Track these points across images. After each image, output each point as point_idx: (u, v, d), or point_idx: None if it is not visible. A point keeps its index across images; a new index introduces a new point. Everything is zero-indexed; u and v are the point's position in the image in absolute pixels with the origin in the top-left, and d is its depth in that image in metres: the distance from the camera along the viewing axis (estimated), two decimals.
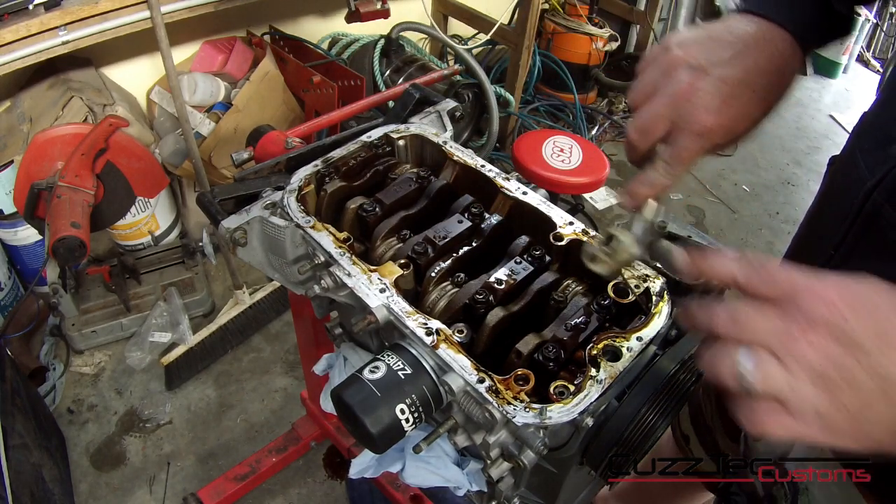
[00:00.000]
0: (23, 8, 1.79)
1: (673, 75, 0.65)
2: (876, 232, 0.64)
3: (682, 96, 0.64)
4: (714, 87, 0.63)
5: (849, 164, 0.73)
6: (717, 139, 0.64)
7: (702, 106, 0.63)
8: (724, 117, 0.63)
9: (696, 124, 0.63)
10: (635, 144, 0.69)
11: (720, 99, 0.63)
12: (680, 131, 0.65)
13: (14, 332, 2.15)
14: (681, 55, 0.65)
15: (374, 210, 0.96)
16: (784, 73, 0.67)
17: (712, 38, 0.66)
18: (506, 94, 3.13)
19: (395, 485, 1.67)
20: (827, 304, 0.45)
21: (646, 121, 0.67)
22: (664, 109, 0.65)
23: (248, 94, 2.45)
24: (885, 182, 0.62)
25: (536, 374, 0.72)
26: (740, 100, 0.63)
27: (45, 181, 1.69)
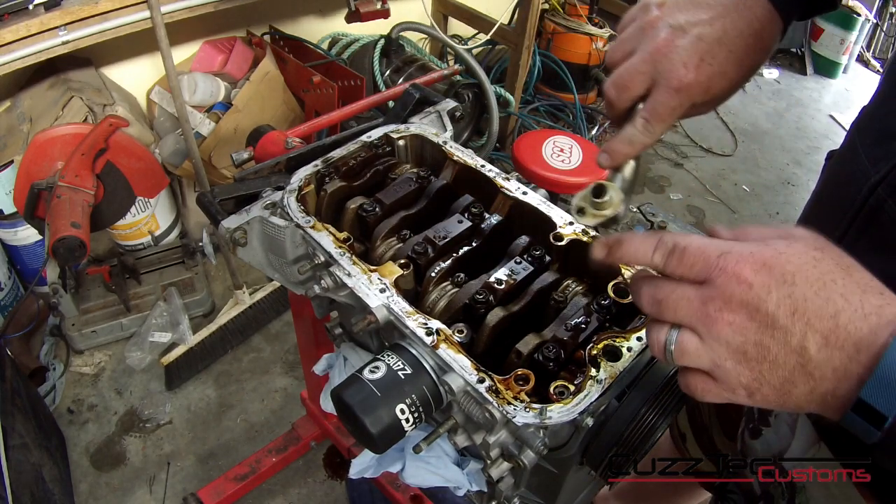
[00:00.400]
0: (23, 8, 1.79)
1: (651, 33, 0.66)
2: (878, 227, 0.65)
3: (660, 52, 0.64)
4: (691, 44, 0.64)
5: (849, 159, 0.73)
6: (694, 96, 0.65)
7: (680, 62, 0.63)
8: (702, 74, 0.64)
9: (675, 80, 0.63)
10: (613, 101, 0.69)
11: (698, 56, 0.63)
12: (658, 87, 0.65)
13: (14, 332, 2.15)
14: (659, 14, 0.67)
15: (374, 210, 0.96)
16: (762, 38, 0.67)
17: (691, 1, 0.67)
18: (506, 94, 3.13)
19: (395, 485, 1.67)
20: (741, 284, 0.47)
21: (623, 77, 0.67)
22: (642, 66, 0.65)
23: (248, 94, 2.45)
24: (890, 178, 0.63)
25: (536, 374, 0.72)
26: (717, 58, 0.64)
27: (45, 181, 1.69)
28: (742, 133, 4.05)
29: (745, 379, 0.48)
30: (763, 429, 0.93)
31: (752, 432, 0.95)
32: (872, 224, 0.65)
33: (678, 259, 0.51)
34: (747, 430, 0.97)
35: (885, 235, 0.63)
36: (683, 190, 3.51)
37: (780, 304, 0.46)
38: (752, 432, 0.95)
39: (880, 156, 0.65)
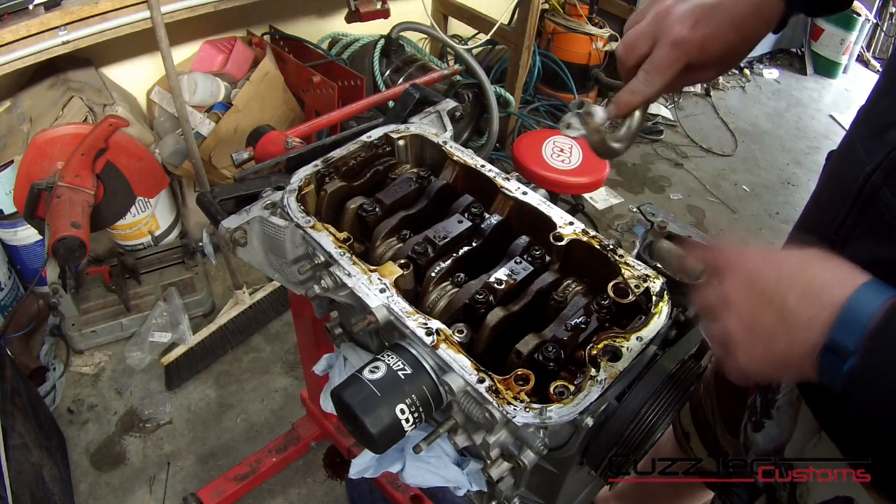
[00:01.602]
0: (23, 8, 1.79)
1: (658, 2, 0.75)
2: (873, 213, 0.68)
3: (660, 15, 0.74)
4: (689, 8, 0.72)
5: (847, 152, 0.76)
6: (690, 52, 0.73)
7: (676, 20, 0.72)
8: (697, 32, 0.72)
9: (670, 35, 0.72)
10: (622, 59, 0.78)
11: (694, 17, 0.72)
12: (657, 44, 0.74)
13: (14, 332, 2.15)
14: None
15: (374, 210, 0.96)
16: (760, 9, 0.74)
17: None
18: (506, 94, 3.13)
19: (395, 485, 1.67)
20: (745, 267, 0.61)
21: (631, 37, 0.76)
22: (647, 27, 0.75)
23: (248, 94, 2.45)
24: (883, 165, 0.66)
25: (536, 374, 0.72)
26: (714, 19, 0.72)
27: (45, 181, 1.69)
28: (742, 133, 4.05)
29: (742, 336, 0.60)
30: (765, 421, 0.93)
31: (755, 425, 0.95)
32: (868, 210, 0.68)
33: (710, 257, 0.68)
34: (750, 423, 0.98)
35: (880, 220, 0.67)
36: (683, 190, 3.51)
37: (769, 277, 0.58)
38: (755, 425, 0.95)
39: (876, 146, 0.68)
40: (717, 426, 1.17)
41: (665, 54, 0.73)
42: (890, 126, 0.66)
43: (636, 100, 0.77)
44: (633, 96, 0.76)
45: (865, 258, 0.67)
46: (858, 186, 0.69)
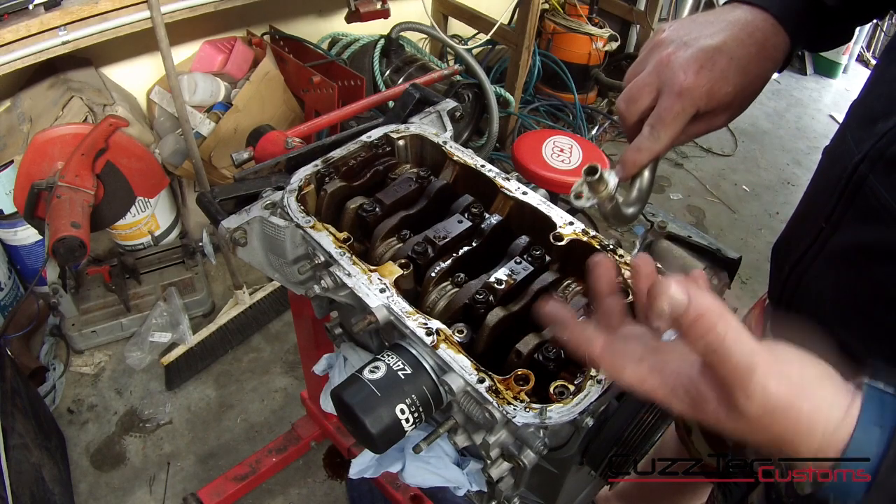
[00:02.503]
0: (23, 8, 1.79)
1: (658, 51, 0.71)
2: (861, 200, 0.69)
3: (662, 63, 0.69)
4: (692, 54, 0.68)
5: (838, 144, 0.77)
6: (697, 100, 0.68)
7: (679, 68, 0.67)
8: (702, 79, 0.67)
9: (676, 85, 0.67)
10: (623, 114, 0.73)
11: (698, 63, 0.67)
12: (661, 95, 0.69)
13: (14, 332, 2.15)
14: (666, 35, 0.72)
15: (374, 210, 0.96)
16: (765, 47, 0.71)
17: (698, 21, 0.73)
18: (506, 94, 3.13)
19: (395, 485, 1.67)
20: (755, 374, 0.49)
21: (632, 90, 0.71)
22: (648, 78, 0.70)
23: (248, 94, 2.45)
24: (871, 154, 0.67)
25: (536, 374, 0.72)
26: (718, 65, 0.68)
27: (45, 181, 1.69)
28: (742, 133, 4.05)
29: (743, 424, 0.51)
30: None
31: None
32: (856, 197, 0.69)
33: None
34: None
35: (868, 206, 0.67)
36: (683, 190, 3.51)
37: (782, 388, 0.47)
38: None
39: (864, 137, 0.69)
40: None
41: (671, 105, 0.68)
42: (879, 117, 0.67)
43: (644, 157, 0.71)
44: (641, 154, 0.71)
45: (854, 242, 0.70)
46: (847, 175, 0.69)
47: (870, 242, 0.67)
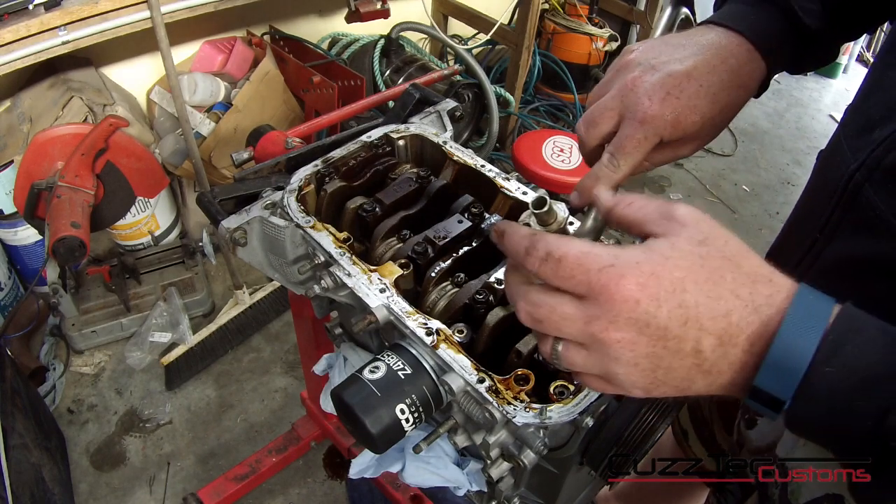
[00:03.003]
0: (23, 8, 1.79)
1: (623, 73, 0.66)
2: (856, 210, 0.66)
3: (627, 87, 0.64)
4: (659, 79, 0.63)
5: (834, 151, 0.75)
6: (660, 129, 0.64)
7: (644, 94, 0.63)
8: (667, 107, 0.63)
9: (639, 112, 0.63)
10: (582, 137, 0.68)
11: (664, 90, 0.63)
12: (624, 121, 0.65)
13: (14, 332, 2.15)
14: (634, 57, 0.67)
15: (374, 210, 0.96)
16: (738, 74, 0.67)
17: (668, 42, 0.68)
18: (506, 94, 3.13)
19: (395, 485, 1.67)
20: (627, 301, 0.45)
21: (593, 113, 0.67)
22: (611, 102, 0.65)
23: (248, 94, 2.45)
24: (867, 163, 0.65)
25: (536, 374, 0.72)
26: (686, 92, 0.64)
27: (45, 181, 1.69)
28: (742, 133, 4.05)
29: (641, 383, 0.48)
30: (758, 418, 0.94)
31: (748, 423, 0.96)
32: (852, 207, 0.67)
33: (553, 270, 0.48)
34: (743, 420, 0.98)
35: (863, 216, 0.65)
36: (683, 190, 3.51)
37: (671, 315, 0.45)
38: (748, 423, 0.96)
39: (860, 145, 0.67)
40: (714, 424, 1.17)
41: (632, 133, 0.63)
42: (875, 125, 0.66)
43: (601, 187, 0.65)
44: (598, 182, 0.66)
45: (849, 254, 0.67)
46: (843, 184, 0.67)
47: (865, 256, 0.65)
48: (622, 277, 0.45)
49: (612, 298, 0.45)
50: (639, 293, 0.45)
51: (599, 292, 0.46)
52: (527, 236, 0.51)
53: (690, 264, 0.45)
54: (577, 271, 0.47)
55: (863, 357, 0.43)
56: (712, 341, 0.45)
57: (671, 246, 0.46)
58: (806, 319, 0.44)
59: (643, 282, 0.45)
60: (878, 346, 0.43)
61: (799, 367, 0.44)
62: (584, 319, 0.47)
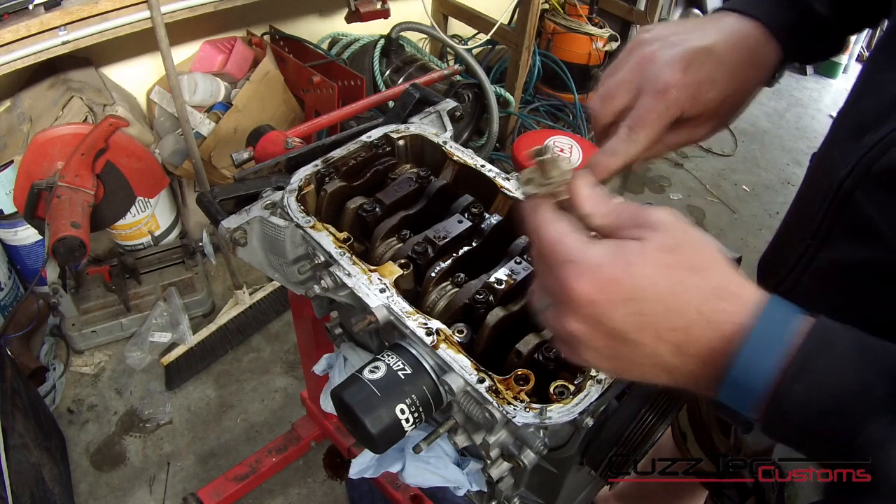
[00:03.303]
0: (23, 8, 1.79)
1: (640, 48, 0.66)
2: (848, 216, 0.65)
3: (645, 59, 0.63)
4: (679, 52, 0.63)
5: (826, 155, 0.74)
6: (681, 101, 0.62)
7: (665, 65, 0.62)
8: (689, 77, 0.62)
9: (658, 81, 0.61)
10: (597, 113, 0.66)
11: (684, 61, 0.62)
12: (642, 94, 0.63)
13: (14, 332, 2.15)
14: (650, 36, 0.67)
15: (374, 210, 0.96)
16: (755, 54, 0.67)
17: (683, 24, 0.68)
18: (506, 94, 3.13)
19: (395, 485, 1.67)
20: (582, 302, 0.46)
21: (609, 86, 0.65)
22: (628, 75, 0.64)
23: (248, 94, 2.45)
24: (857, 168, 0.63)
25: (536, 374, 0.72)
26: (705, 65, 0.63)
27: (45, 181, 1.69)
28: (742, 133, 4.05)
29: (605, 368, 0.49)
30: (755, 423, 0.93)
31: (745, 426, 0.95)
32: (843, 213, 0.66)
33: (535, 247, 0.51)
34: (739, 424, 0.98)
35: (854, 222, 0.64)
36: (683, 190, 3.51)
37: (626, 321, 0.45)
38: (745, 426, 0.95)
39: (851, 149, 0.65)
40: (712, 426, 1.17)
41: (653, 105, 0.61)
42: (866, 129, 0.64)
43: (617, 162, 0.63)
44: (614, 158, 0.62)
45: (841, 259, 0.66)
46: (834, 189, 0.66)
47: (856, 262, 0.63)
48: (580, 276, 0.46)
49: (569, 293, 0.46)
50: (595, 295, 0.45)
51: (561, 283, 0.47)
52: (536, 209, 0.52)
53: (654, 273, 0.45)
54: (546, 256, 0.49)
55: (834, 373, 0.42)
56: (670, 349, 0.45)
57: (639, 251, 0.46)
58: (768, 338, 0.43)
59: (601, 286, 0.45)
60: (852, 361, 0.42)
61: (758, 388, 0.44)
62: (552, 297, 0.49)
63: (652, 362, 0.47)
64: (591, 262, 0.46)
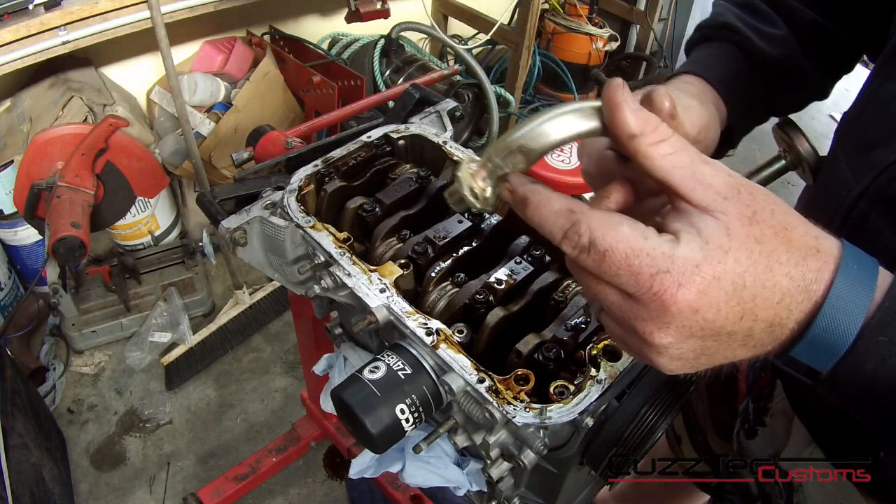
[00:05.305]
0: (23, 8, 1.79)
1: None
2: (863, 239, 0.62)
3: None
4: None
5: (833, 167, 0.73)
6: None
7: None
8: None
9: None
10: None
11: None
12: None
13: (14, 332, 2.15)
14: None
15: (374, 210, 0.96)
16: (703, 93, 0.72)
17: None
18: (506, 94, 3.13)
19: (395, 485, 1.67)
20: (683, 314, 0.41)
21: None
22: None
23: (248, 94, 2.45)
24: (870, 191, 0.62)
25: (536, 374, 0.72)
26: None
27: (45, 181, 1.69)
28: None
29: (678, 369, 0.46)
30: (759, 429, 0.93)
31: (748, 433, 0.95)
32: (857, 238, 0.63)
33: (596, 264, 0.43)
34: (742, 430, 0.97)
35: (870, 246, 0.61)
36: None
37: (728, 316, 0.42)
38: (748, 433, 0.95)
39: (861, 167, 0.64)
40: (707, 429, 1.17)
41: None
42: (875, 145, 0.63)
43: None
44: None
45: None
46: (846, 210, 0.65)
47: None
48: (680, 287, 0.40)
49: (666, 309, 0.41)
50: (697, 302, 0.41)
51: (651, 300, 0.41)
52: (564, 213, 0.44)
53: (749, 253, 0.41)
54: (625, 272, 0.41)
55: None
56: (763, 326, 0.43)
57: (727, 233, 0.41)
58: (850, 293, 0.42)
59: (703, 289, 0.41)
60: None
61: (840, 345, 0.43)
62: (631, 315, 0.44)
63: (738, 345, 0.44)
64: (687, 265, 0.40)
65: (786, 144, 0.81)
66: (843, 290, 0.42)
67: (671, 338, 0.43)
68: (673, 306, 0.41)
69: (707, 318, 0.41)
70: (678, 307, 0.41)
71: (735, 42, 0.80)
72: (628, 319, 0.44)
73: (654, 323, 0.42)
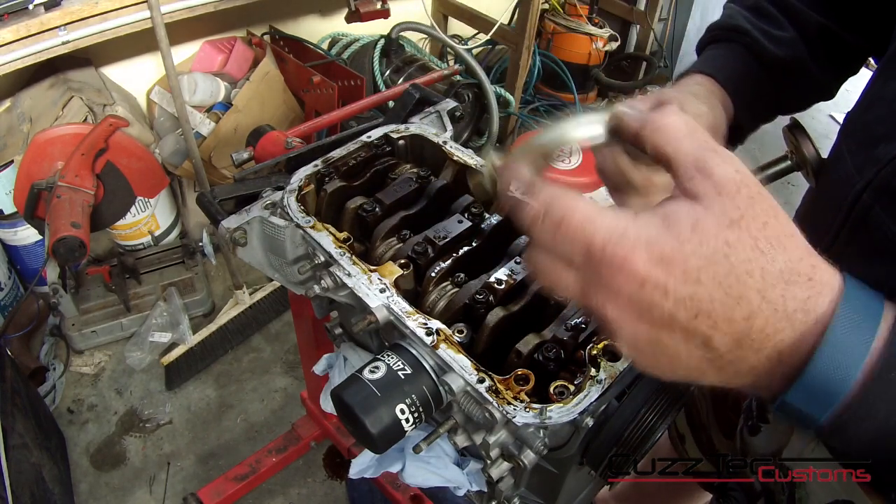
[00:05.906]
0: (23, 8, 1.79)
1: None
2: (866, 233, 0.63)
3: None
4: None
5: (837, 165, 0.73)
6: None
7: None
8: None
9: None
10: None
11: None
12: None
13: (14, 332, 2.15)
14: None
15: (374, 210, 0.96)
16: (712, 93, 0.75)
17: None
18: (506, 94, 3.13)
19: (395, 485, 1.67)
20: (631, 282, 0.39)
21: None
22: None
23: (248, 94, 2.45)
24: (874, 184, 0.62)
25: (536, 374, 0.72)
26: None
27: (45, 181, 1.69)
28: None
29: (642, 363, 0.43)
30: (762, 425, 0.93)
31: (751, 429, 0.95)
32: (860, 230, 0.63)
33: (551, 232, 0.41)
34: (746, 427, 0.97)
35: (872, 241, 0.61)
36: None
37: (678, 306, 0.39)
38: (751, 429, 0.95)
39: (864, 162, 0.64)
40: (711, 428, 1.17)
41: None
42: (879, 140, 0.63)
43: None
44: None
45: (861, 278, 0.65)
46: (849, 204, 0.64)
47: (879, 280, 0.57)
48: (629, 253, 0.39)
49: (612, 275, 0.39)
50: (645, 273, 0.38)
51: (601, 263, 0.39)
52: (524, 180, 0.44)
53: (712, 253, 0.38)
54: (578, 239, 0.40)
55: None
56: (727, 341, 0.39)
57: (694, 225, 0.39)
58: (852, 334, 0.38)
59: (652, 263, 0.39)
60: None
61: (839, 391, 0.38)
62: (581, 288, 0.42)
63: (701, 355, 0.40)
64: (640, 237, 0.39)
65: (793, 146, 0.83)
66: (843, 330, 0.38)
67: (620, 311, 0.40)
68: (619, 274, 0.39)
69: (654, 299, 0.39)
70: (624, 275, 0.39)
71: (744, 44, 0.82)
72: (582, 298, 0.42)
73: (604, 292, 0.40)
